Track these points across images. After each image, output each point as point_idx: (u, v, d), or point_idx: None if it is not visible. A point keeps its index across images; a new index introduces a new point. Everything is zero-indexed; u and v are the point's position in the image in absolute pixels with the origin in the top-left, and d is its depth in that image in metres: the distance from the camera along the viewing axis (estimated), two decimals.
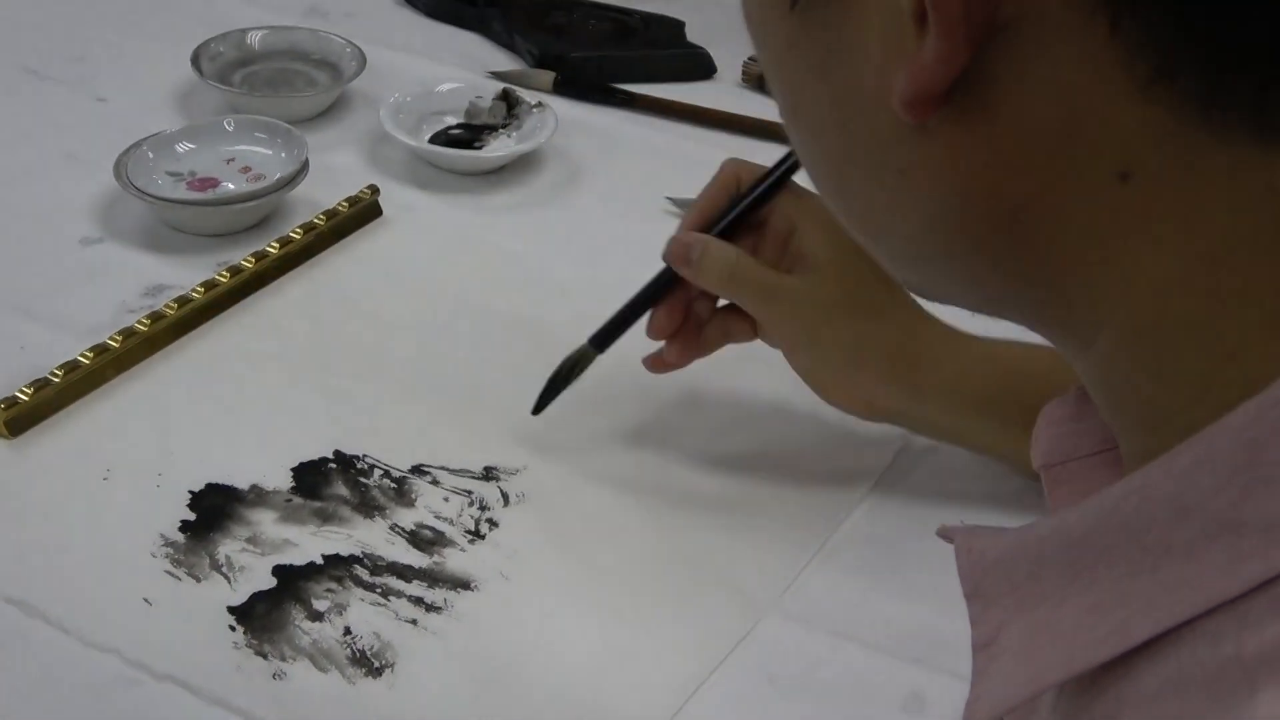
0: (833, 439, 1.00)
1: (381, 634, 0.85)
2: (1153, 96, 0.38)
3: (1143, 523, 0.41)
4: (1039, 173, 0.42)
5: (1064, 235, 0.42)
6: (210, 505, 0.92)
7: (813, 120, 0.48)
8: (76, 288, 1.10)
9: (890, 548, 0.93)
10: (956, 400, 0.93)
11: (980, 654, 0.47)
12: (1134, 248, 0.41)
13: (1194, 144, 0.39)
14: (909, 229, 0.46)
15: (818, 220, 0.93)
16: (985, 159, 0.42)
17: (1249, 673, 0.38)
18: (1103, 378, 0.46)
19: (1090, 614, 0.43)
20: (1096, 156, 0.40)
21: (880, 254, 0.50)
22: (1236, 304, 0.41)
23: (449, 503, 0.94)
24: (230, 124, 1.23)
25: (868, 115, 0.44)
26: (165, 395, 1.01)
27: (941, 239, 0.45)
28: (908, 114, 0.42)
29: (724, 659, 0.85)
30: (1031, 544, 0.45)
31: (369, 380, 1.03)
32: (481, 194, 1.25)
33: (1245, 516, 0.39)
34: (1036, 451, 0.55)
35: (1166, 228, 0.40)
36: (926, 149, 0.43)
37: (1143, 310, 0.42)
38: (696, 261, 0.93)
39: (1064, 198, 0.42)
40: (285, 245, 1.12)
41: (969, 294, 0.49)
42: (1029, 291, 0.45)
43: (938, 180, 0.44)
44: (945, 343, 0.94)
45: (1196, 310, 0.41)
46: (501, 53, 1.46)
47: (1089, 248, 0.42)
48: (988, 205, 0.43)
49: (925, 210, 0.45)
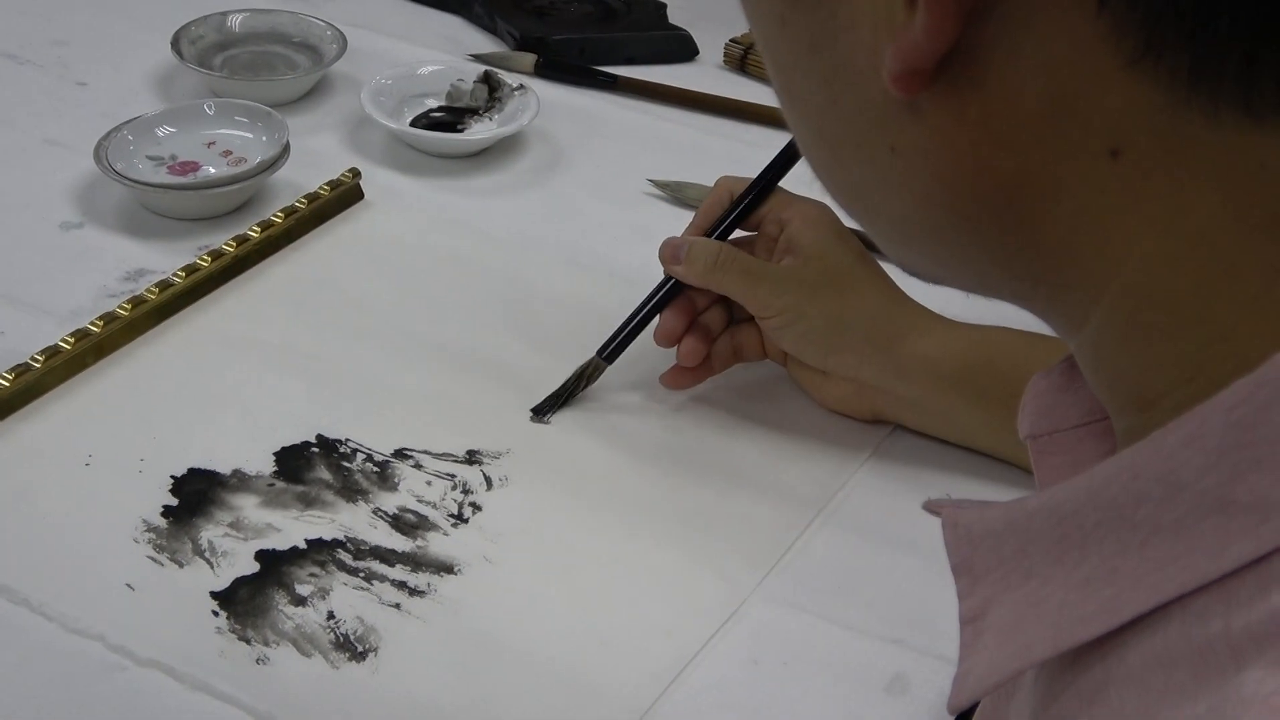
0: (816, 426, 1.00)
1: (365, 618, 0.85)
2: (1140, 73, 0.38)
3: (1132, 500, 0.41)
4: (1029, 150, 0.41)
5: (1055, 214, 0.42)
6: (192, 490, 0.92)
7: (805, 99, 0.47)
8: (57, 273, 1.10)
9: (873, 531, 0.93)
10: (935, 376, 0.96)
11: (967, 628, 0.47)
12: (1125, 226, 0.41)
13: (1183, 121, 0.39)
14: (900, 208, 0.46)
15: (805, 217, 0.98)
16: (975, 136, 0.42)
17: (1236, 650, 0.38)
18: (1095, 357, 0.46)
19: (1078, 590, 0.43)
20: (1086, 134, 0.40)
21: (874, 233, 0.50)
22: (1227, 283, 0.41)
23: (432, 486, 0.93)
24: (211, 107, 1.22)
25: (858, 93, 0.44)
26: (147, 380, 1.00)
27: (932, 217, 0.45)
28: (897, 89, 0.42)
29: (707, 642, 0.85)
30: (1019, 519, 0.45)
31: (351, 364, 1.03)
32: (463, 177, 1.24)
33: (1235, 496, 0.39)
34: (1023, 422, 0.55)
35: (1157, 206, 0.40)
36: (916, 126, 0.43)
37: (1134, 290, 0.42)
38: (684, 257, 0.97)
39: (1054, 175, 0.42)
40: (266, 229, 1.12)
41: (961, 274, 0.49)
42: (1020, 271, 0.45)
43: (928, 158, 0.44)
44: (924, 321, 0.97)
45: (1187, 289, 0.41)
46: (483, 35, 1.46)
47: (1080, 226, 0.42)
48: (978, 183, 0.43)
49: (916, 188, 0.45)
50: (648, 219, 1.19)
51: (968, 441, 0.98)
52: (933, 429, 0.99)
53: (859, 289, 0.97)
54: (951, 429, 0.98)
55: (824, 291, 0.96)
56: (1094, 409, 0.52)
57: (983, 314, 0.90)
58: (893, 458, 0.99)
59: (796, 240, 0.97)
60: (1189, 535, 0.40)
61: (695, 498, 0.95)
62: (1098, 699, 0.42)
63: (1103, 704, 0.42)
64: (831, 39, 0.44)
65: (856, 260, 0.98)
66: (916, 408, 0.98)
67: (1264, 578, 0.38)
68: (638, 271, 1.03)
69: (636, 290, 1.01)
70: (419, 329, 1.07)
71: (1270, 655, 0.37)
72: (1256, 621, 0.38)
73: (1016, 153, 0.42)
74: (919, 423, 0.99)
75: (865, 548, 0.92)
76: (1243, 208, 0.40)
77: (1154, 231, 0.41)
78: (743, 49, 1.41)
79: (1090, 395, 0.50)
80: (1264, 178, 0.39)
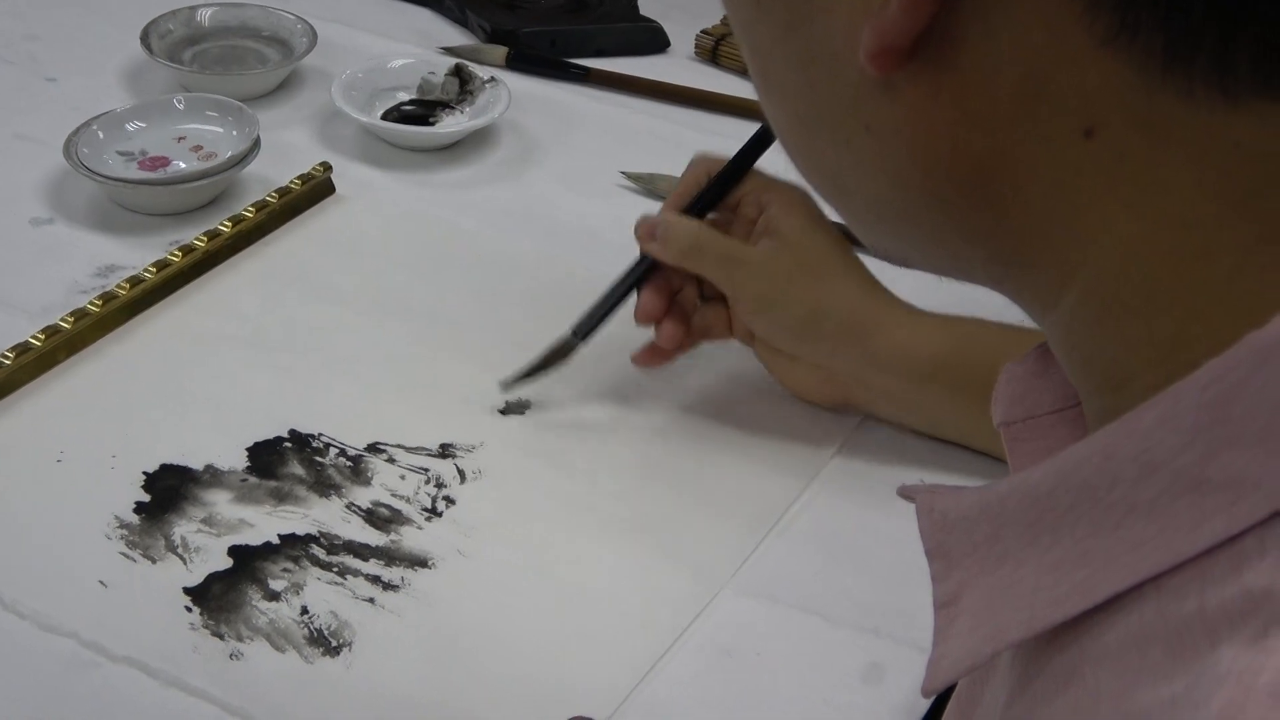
0: (788, 416, 1.00)
1: (339, 613, 0.84)
2: (1114, 53, 0.38)
3: (1106, 481, 0.41)
4: (1004, 130, 0.42)
5: (1029, 194, 0.42)
6: (165, 486, 0.92)
7: (781, 82, 0.48)
8: (27, 269, 1.09)
9: (846, 521, 0.93)
10: (908, 366, 0.96)
11: (941, 613, 0.47)
12: (1099, 207, 0.41)
13: (1158, 101, 0.39)
14: (875, 189, 0.46)
15: (784, 200, 0.97)
16: (950, 116, 0.42)
17: (1210, 628, 0.38)
18: (1067, 339, 0.46)
19: (1052, 572, 0.43)
20: (1060, 114, 0.40)
21: (848, 216, 0.50)
22: (1201, 263, 0.41)
23: (405, 480, 0.93)
24: (181, 102, 1.22)
25: (834, 74, 0.44)
26: (118, 376, 1.00)
27: (907, 198, 0.45)
28: (873, 67, 0.42)
29: (681, 634, 0.85)
30: (993, 503, 0.46)
31: (323, 358, 1.03)
32: (434, 170, 1.24)
33: (1209, 474, 0.39)
34: (997, 409, 0.55)
35: (1132, 186, 0.40)
36: (892, 106, 0.43)
37: (1108, 271, 0.42)
38: (662, 236, 0.97)
39: (1029, 155, 0.42)
40: (238, 224, 1.12)
41: (934, 255, 0.49)
42: (994, 252, 0.45)
43: (902, 138, 0.44)
44: (899, 312, 0.97)
45: (1161, 270, 0.41)
46: (454, 28, 1.46)
47: (1054, 207, 0.42)
48: (953, 163, 0.43)
49: (890, 169, 0.45)
50: (620, 211, 1.19)
51: (938, 432, 0.98)
52: (903, 419, 0.99)
53: (836, 278, 0.97)
54: (923, 419, 0.98)
55: (802, 279, 0.96)
56: (1067, 395, 0.52)
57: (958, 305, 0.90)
58: (864, 449, 0.99)
59: (776, 224, 0.97)
60: (1163, 515, 0.40)
61: (668, 490, 0.95)
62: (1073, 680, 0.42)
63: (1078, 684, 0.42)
64: (808, 20, 0.44)
65: (834, 248, 0.97)
66: (888, 397, 0.98)
67: (1238, 556, 0.38)
68: (610, 264, 1.03)
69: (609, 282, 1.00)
70: (391, 323, 1.07)
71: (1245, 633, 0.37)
72: (1230, 599, 0.38)
73: (991, 132, 0.42)
74: (889, 412, 0.99)
75: (839, 538, 0.92)
76: (1217, 188, 0.40)
77: (1128, 212, 0.41)
78: (714, 40, 1.41)
79: (1063, 382, 0.50)
80: (1238, 158, 0.39)
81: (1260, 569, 0.38)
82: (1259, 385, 0.38)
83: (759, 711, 0.82)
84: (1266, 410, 0.38)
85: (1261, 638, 0.36)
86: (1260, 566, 0.38)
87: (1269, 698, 0.35)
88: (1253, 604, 0.37)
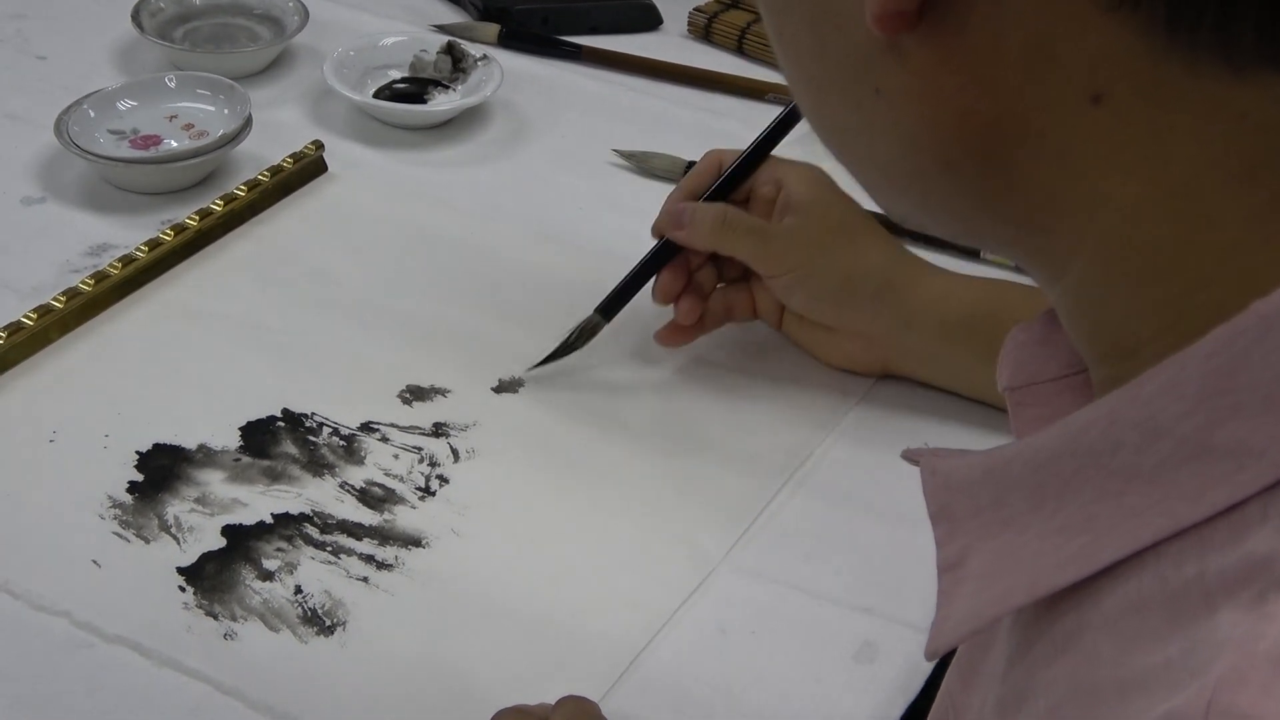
0: (781, 397, 1.00)
1: (333, 592, 0.84)
2: (1120, 19, 0.39)
3: (1110, 447, 0.42)
4: (1011, 95, 0.42)
5: (1037, 159, 0.43)
6: (158, 466, 0.91)
7: (795, 45, 0.48)
8: (18, 248, 1.09)
9: (841, 499, 0.93)
10: (939, 324, 0.97)
11: (945, 575, 0.47)
12: (1106, 173, 0.41)
13: (1163, 69, 0.39)
14: (886, 153, 0.47)
15: (801, 176, 0.98)
16: (959, 80, 0.42)
17: (1209, 594, 0.38)
18: (1077, 306, 0.46)
19: (1055, 538, 0.43)
20: (1067, 79, 0.40)
21: (861, 179, 0.50)
22: (1206, 231, 0.41)
23: (399, 459, 0.93)
24: (172, 80, 1.22)
25: (844, 36, 0.45)
26: (111, 355, 1.00)
27: (916, 162, 0.46)
28: (880, 29, 0.42)
29: (675, 612, 0.85)
30: (997, 467, 0.46)
31: (316, 337, 1.02)
32: (427, 148, 1.24)
33: (1213, 442, 0.39)
34: (1002, 374, 0.55)
35: (1137, 153, 0.41)
36: (901, 69, 0.43)
37: (1114, 238, 0.42)
38: (688, 222, 0.97)
39: (1036, 120, 0.42)
40: (230, 203, 1.11)
41: (946, 219, 0.49)
42: (1003, 216, 0.46)
43: (911, 101, 0.44)
44: (929, 270, 0.98)
45: (1167, 238, 0.41)
46: (446, 6, 1.45)
47: (1061, 173, 0.42)
48: (961, 127, 0.43)
49: (900, 132, 0.45)
50: (613, 189, 1.19)
51: (976, 393, 0.98)
52: (941, 380, 0.99)
53: (865, 242, 0.98)
54: (960, 380, 0.98)
55: (834, 245, 0.97)
56: (1073, 362, 0.52)
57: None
58: (860, 427, 0.98)
59: (797, 199, 0.97)
60: (1166, 482, 0.40)
61: (663, 467, 0.95)
62: (1072, 645, 0.43)
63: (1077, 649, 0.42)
64: None
65: (857, 214, 0.98)
66: (925, 359, 0.98)
67: (1240, 523, 0.39)
68: (603, 242, 1.03)
69: (602, 261, 1.00)
70: (384, 301, 1.06)
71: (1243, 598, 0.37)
72: (1230, 566, 0.38)
73: (999, 97, 0.42)
74: (928, 374, 0.99)
75: (833, 516, 0.92)
76: (1222, 157, 0.40)
77: (1134, 179, 0.41)
78: (706, 18, 1.41)
79: (1069, 349, 0.51)
80: (1243, 127, 0.39)
81: (1262, 535, 0.38)
82: (1264, 354, 0.39)
83: (753, 690, 0.82)
84: (1271, 378, 0.38)
85: (1260, 603, 0.37)
86: (1262, 533, 0.38)
87: (1269, 664, 0.35)
88: (1253, 569, 0.37)
